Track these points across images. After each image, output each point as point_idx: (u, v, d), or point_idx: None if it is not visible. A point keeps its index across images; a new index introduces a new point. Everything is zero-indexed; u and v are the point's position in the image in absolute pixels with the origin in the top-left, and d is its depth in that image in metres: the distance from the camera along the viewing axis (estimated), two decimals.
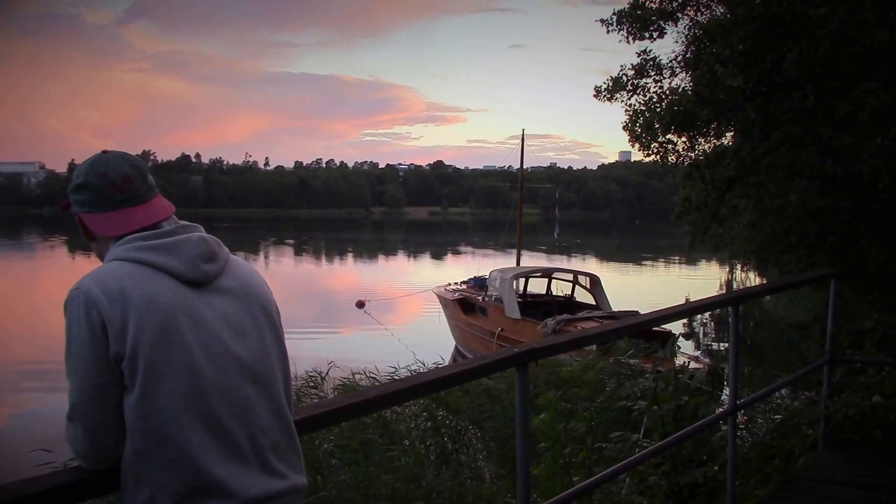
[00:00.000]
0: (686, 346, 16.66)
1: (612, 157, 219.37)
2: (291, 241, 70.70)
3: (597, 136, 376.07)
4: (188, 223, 1.84)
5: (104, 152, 1.82)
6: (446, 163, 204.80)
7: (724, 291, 31.47)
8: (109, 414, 1.61)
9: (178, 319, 1.64)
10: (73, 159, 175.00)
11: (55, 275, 40.46)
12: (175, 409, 1.59)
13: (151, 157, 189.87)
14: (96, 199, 1.77)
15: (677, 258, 50.62)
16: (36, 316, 25.23)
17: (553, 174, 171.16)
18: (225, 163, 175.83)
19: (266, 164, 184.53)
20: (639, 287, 34.16)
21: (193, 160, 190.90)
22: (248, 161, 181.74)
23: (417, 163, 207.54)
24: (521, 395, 2.57)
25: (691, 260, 45.82)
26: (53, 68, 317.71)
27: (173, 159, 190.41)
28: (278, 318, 1.88)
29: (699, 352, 17.92)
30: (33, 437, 10.29)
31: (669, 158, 13.57)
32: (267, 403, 1.75)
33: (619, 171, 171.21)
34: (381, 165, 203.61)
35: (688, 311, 5.60)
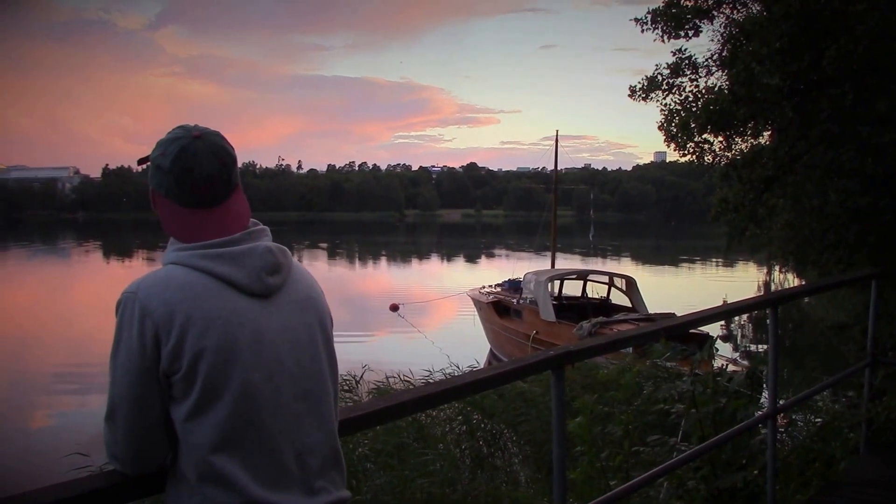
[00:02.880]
0: (724, 349, 16.45)
1: (647, 158, 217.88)
2: (325, 245, 71.09)
3: (631, 137, 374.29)
4: (256, 228, 1.75)
5: (196, 136, 1.70)
6: (479, 165, 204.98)
7: (761, 293, 31.09)
8: (149, 423, 1.58)
9: (238, 335, 1.59)
10: (106, 164, 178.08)
11: (89, 280, 41.11)
12: (225, 427, 1.56)
13: None
14: (174, 190, 1.69)
15: (714, 260, 50.12)
16: (70, 320, 25.63)
17: (587, 175, 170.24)
18: (258, 166, 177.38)
19: (299, 167, 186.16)
20: (675, 289, 33.86)
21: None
22: (281, 164, 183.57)
23: (450, 165, 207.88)
24: (557, 398, 2.54)
25: (728, 261, 45.33)
26: (86, 74, 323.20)
27: None
28: (332, 328, 1.85)
29: (737, 354, 17.70)
30: (68, 440, 10.43)
31: (706, 158, 13.44)
32: (316, 420, 1.72)
33: (654, 172, 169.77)
34: (414, 168, 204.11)
35: (726, 312, 5.52)
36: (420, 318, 24.76)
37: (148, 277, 1.63)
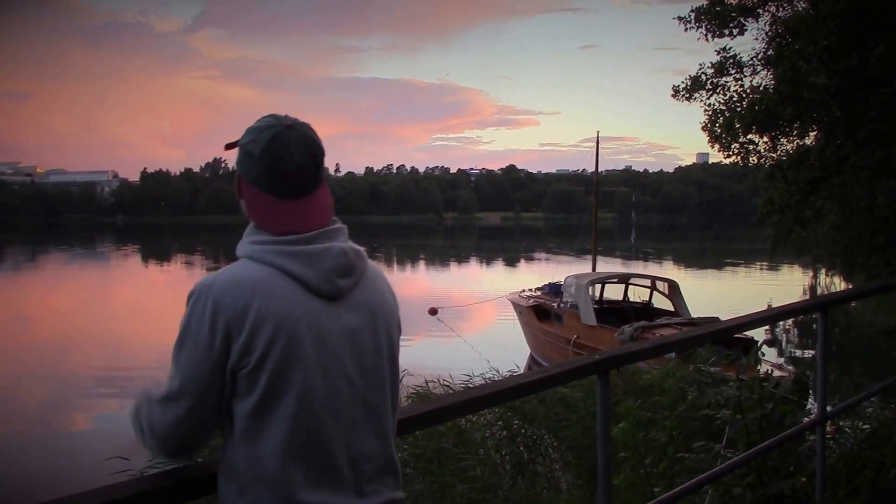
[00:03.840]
0: (768, 354, 16.20)
1: (689, 160, 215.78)
2: (363, 248, 71.35)
3: (673, 138, 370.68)
4: (333, 227, 1.74)
5: (288, 126, 1.70)
6: (518, 167, 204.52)
7: (807, 297, 30.57)
8: (204, 414, 1.60)
9: (304, 335, 1.59)
10: (145, 167, 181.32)
11: (128, 283, 41.72)
12: (284, 427, 1.57)
13: (222, 165, 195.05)
14: (263, 178, 1.68)
15: (758, 263, 49.44)
16: (109, 324, 26.00)
17: (628, 177, 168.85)
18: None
19: (336, 170, 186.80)
20: (718, 293, 33.43)
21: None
22: None
23: (489, 167, 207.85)
24: (602, 403, 2.48)
25: (773, 264, 44.69)
26: (124, 77, 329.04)
27: None
28: (398, 336, 1.84)
29: (782, 359, 17.41)
30: (108, 443, 10.57)
31: (751, 159, 13.28)
32: (373, 427, 1.71)
33: (696, 174, 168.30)
34: (453, 170, 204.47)
35: (773, 316, 5.40)
36: (459, 322, 24.74)
37: (223, 273, 1.63)
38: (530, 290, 21.68)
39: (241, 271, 1.62)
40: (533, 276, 33.44)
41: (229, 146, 1.77)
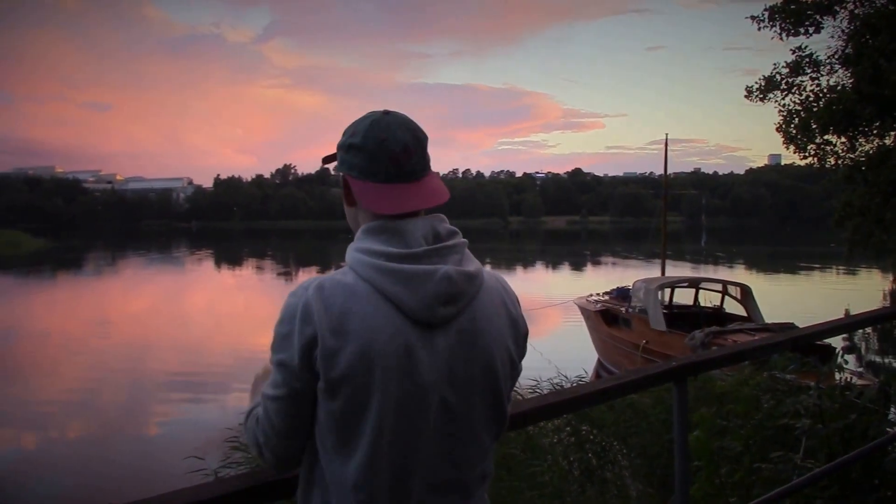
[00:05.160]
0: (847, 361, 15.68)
1: (760, 161, 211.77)
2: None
3: (744, 139, 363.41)
4: (448, 244, 1.59)
5: (385, 113, 1.65)
6: (584, 170, 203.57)
7: (887, 302, 29.60)
8: (301, 416, 1.55)
9: (390, 364, 1.49)
10: (218, 174, 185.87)
11: (202, 288, 42.63)
12: (357, 457, 1.50)
13: (292, 171, 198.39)
14: (369, 166, 1.60)
15: (834, 267, 48.08)
16: (184, 327, 26.59)
17: (697, 180, 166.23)
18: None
19: None
20: (792, 297, 32.60)
21: (332, 173, 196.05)
22: None
23: (555, 171, 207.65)
24: (679, 411, 2.41)
25: (850, 268, 43.42)
26: (199, 87, 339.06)
27: (313, 172, 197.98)
28: (505, 369, 1.66)
29: (861, 367, 16.86)
30: (184, 444, 10.82)
31: (828, 161, 12.91)
32: (451, 465, 1.59)
33: (768, 175, 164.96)
34: (518, 174, 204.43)
35: (856, 323, 5.21)
36: None
37: (322, 279, 1.55)
38: (598, 294, 21.46)
39: (339, 282, 1.53)
40: (600, 280, 33.09)
41: (327, 159, 1.73)
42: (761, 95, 13.22)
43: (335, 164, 1.69)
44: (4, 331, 26.06)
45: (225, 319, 28.72)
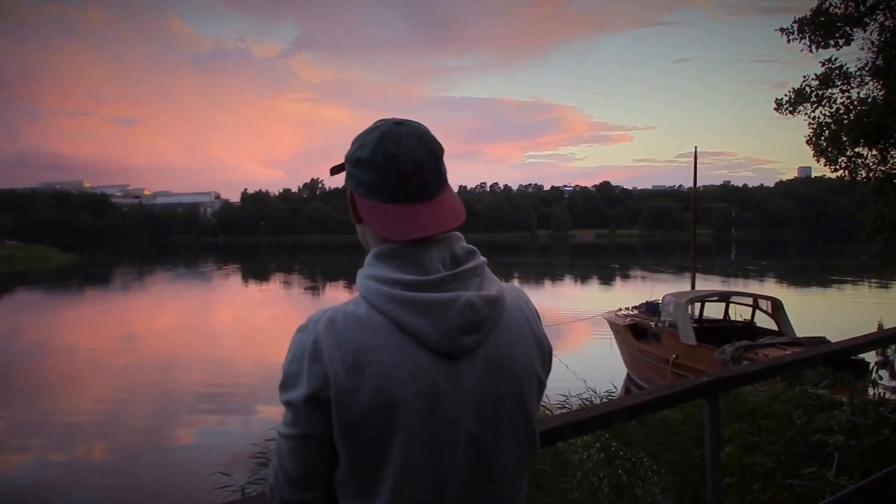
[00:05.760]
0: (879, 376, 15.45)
1: (790, 174, 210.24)
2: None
3: (773, 152, 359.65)
4: (467, 267, 1.47)
5: (397, 123, 1.49)
6: (613, 183, 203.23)
7: None
8: (317, 466, 1.44)
9: (411, 401, 1.37)
10: (245, 188, 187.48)
11: (228, 302, 42.89)
12: (383, 496, 1.39)
13: (319, 185, 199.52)
14: (377, 183, 1.46)
15: (866, 280, 47.43)
16: (210, 343, 26.77)
17: (727, 192, 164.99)
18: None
19: None
20: (824, 311, 32.22)
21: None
22: None
23: (583, 184, 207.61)
24: (710, 427, 2.38)
25: (882, 282, 42.81)
26: (225, 101, 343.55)
27: (340, 186, 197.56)
28: (533, 396, 1.55)
29: (895, 382, 16.58)
30: (210, 459, 10.89)
31: (859, 173, 12.78)
32: (488, 495, 1.48)
33: (798, 188, 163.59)
34: (546, 188, 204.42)
35: (890, 337, 5.13)
36: (554, 342, 23.99)
37: (331, 312, 1.42)
38: (627, 308, 21.34)
39: (351, 314, 1.40)
40: (629, 294, 32.89)
41: (335, 170, 1.60)
42: (791, 108, 13.14)
43: (346, 181, 1.57)
44: (33, 345, 26.40)
45: (251, 334, 28.88)
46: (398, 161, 1.45)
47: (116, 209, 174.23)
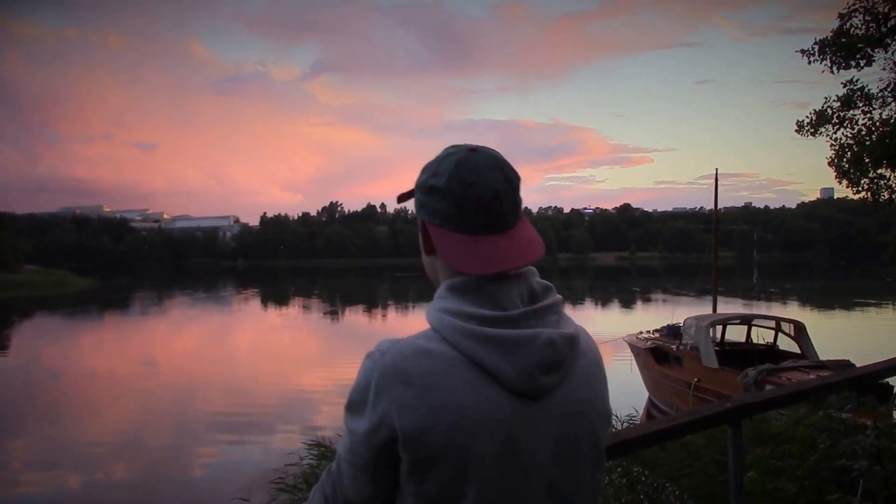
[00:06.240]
0: None
1: (812, 195, 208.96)
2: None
3: (795, 173, 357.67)
4: (545, 303, 1.40)
5: (473, 150, 1.42)
6: (633, 206, 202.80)
7: None
8: (375, 497, 1.38)
9: (487, 443, 1.29)
10: (264, 212, 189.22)
11: (248, 327, 43.00)
12: None
13: (339, 209, 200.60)
14: (453, 213, 1.38)
15: (891, 302, 46.93)
16: (230, 368, 26.82)
17: (748, 214, 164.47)
18: (409, 212, 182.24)
19: None
20: (848, 334, 31.87)
21: (379, 210, 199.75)
22: None
23: (603, 206, 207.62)
24: (734, 452, 2.36)
25: None
26: (245, 125, 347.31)
27: (359, 210, 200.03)
28: (603, 436, 1.49)
29: None
30: (228, 484, 10.87)
31: (881, 195, 12.68)
32: None
33: (821, 210, 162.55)
34: (566, 210, 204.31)
35: None
36: None
37: (402, 344, 1.33)
38: (648, 331, 21.21)
39: (423, 348, 1.32)
40: (650, 317, 32.69)
41: (402, 197, 1.53)
42: (812, 130, 13.10)
43: (417, 211, 1.49)
44: (52, 371, 26.52)
45: (271, 359, 28.91)
46: (475, 190, 1.37)
47: (136, 233, 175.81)
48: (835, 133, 12.79)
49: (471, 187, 1.37)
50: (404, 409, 1.27)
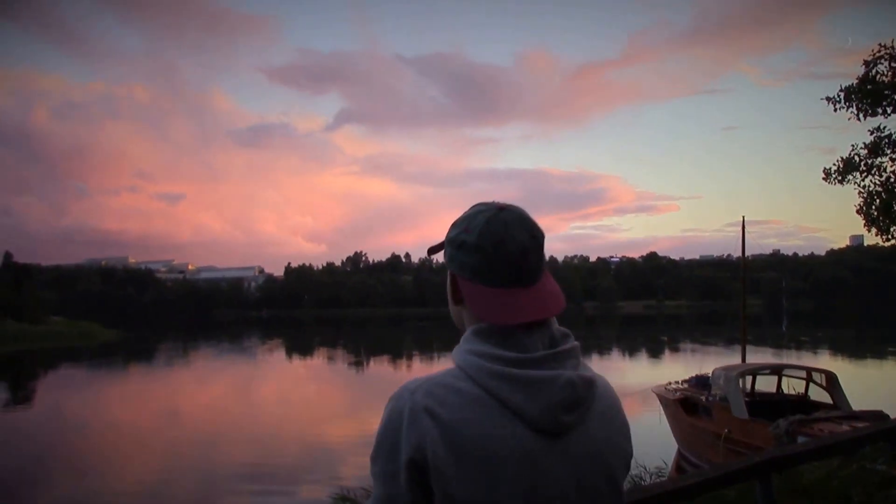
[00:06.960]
0: None
1: (841, 242, 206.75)
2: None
3: (823, 220, 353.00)
4: (565, 348, 1.49)
5: (501, 208, 1.53)
6: (660, 254, 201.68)
7: None
8: None
9: (511, 480, 1.35)
10: (289, 262, 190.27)
11: (272, 378, 42.95)
12: None
13: (363, 259, 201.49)
14: (483, 267, 1.48)
15: None
16: (254, 419, 26.74)
17: (776, 262, 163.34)
18: (435, 262, 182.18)
19: None
20: (880, 383, 31.24)
21: (403, 260, 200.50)
22: None
23: (629, 255, 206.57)
24: None
25: None
26: (269, 176, 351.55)
27: (384, 260, 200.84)
28: (623, 478, 1.56)
29: None
30: None
31: None
32: None
33: (850, 257, 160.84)
34: (592, 259, 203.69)
35: None
36: None
37: (430, 380, 1.42)
38: (676, 382, 20.94)
39: (451, 385, 1.40)
40: (678, 367, 32.33)
41: (433, 250, 1.63)
42: (840, 178, 13.00)
43: (447, 263, 1.57)
44: (77, 422, 26.58)
45: (296, 411, 28.81)
46: (506, 247, 1.47)
47: (161, 284, 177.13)
48: (862, 180, 12.69)
49: (501, 244, 1.47)
50: (436, 443, 1.34)
